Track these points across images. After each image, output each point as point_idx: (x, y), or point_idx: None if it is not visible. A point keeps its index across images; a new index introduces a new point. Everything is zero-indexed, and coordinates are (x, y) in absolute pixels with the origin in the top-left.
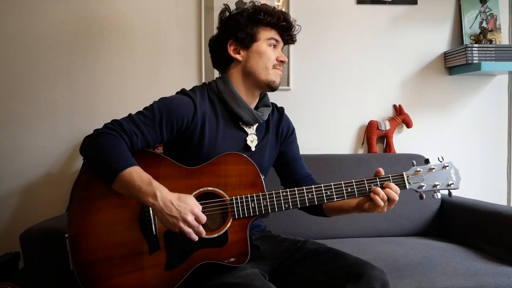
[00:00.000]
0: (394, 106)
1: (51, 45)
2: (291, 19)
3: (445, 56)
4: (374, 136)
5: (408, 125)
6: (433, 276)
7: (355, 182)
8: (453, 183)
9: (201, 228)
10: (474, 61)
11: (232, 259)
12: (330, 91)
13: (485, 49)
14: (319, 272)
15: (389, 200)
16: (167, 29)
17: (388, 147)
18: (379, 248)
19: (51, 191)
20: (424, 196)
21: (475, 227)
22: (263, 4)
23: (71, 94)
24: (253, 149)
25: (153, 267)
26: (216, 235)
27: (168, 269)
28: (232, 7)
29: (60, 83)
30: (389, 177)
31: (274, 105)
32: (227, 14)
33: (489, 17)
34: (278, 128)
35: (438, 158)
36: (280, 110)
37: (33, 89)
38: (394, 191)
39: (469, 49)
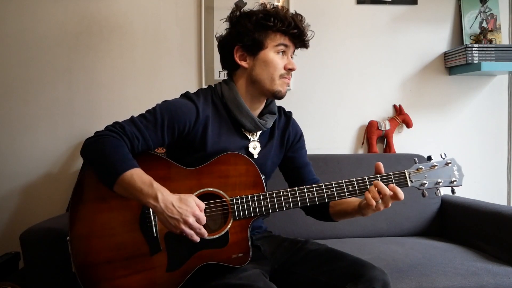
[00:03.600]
0: (394, 106)
1: (51, 45)
2: (304, 24)
3: (445, 56)
4: (374, 136)
5: (408, 125)
6: (433, 276)
7: (356, 180)
8: (456, 180)
9: (203, 230)
10: (474, 61)
11: (233, 260)
12: (330, 91)
13: (485, 49)
14: (320, 272)
15: (383, 197)
16: (167, 29)
17: (388, 147)
18: (379, 248)
19: (51, 191)
20: (426, 194)
21: (475, 227)
22: (274, 7)
23: (71, 94)
24: (255, 156)
25: (154, 269)
26: (217, 236)
27: (170, 271)
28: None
29: (60, 83)
30: (390, 175)
31: (282, 109)
32: (238, 14)
33: (489, 17)
34: (284, 133)
35: (441, 155)
36: (288, 115)
37: (33, 89)
38: (390, 189)
39: (469, 49)
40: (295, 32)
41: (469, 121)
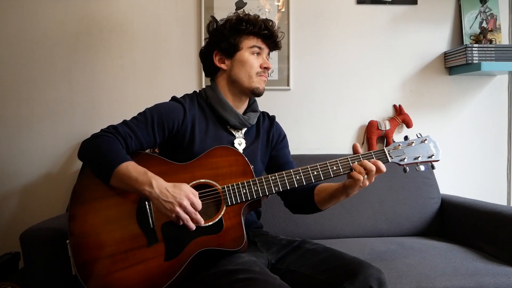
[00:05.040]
0: (394, 106)
1: (51, 45)
2: (274, 27)
3: (445, 56)
4: (374, 136)
5: (408, 125)
6: (433, 276)
7: (339, 160)
8: (433, 155)
9: (198, 216)
10: (474, 61)
11: (229, 244)
12: (330, 91)
13: (485, 49)
14: (317, 271)
15: (368, 172)
16: (167, 29)
17: None
18: (379, 248)
19: (51, 191)
20: (407, 169)
21: (475, 227)
22: (246, 14)
23: (71, 94)
24: (241, 151)
25: (153, 258)
26: (211, 222)
27: (168, 259)
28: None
29: (60, 83)
30: (371, 153)
31: (266, 113)
32: (214, 25)
33: (489, 17)
34: (269, 133)
35: (417, 135)
36: (271, 118)
37: (33, 89)
38: (373, 163)
39: (469, 49)
40: (266, 33)
41: (469, 121)
